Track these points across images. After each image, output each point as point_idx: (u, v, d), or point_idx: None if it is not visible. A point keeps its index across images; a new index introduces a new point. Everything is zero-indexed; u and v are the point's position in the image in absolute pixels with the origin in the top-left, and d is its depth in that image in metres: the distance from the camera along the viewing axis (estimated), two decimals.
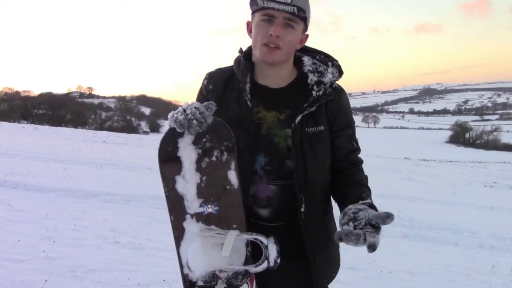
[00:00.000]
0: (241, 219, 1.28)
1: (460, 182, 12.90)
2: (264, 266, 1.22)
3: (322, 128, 1.32)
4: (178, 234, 1.28)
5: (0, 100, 68.55)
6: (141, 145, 15.49)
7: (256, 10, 1.29)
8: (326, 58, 1.40)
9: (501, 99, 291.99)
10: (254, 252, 1.28)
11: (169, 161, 1.26)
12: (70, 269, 3.01)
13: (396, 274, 3.60)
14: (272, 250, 1.21)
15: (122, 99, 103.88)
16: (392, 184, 10.84)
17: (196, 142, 1.25)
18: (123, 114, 78.45)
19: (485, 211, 7.91)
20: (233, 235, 1.23)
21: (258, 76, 1.36)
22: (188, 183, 1.26)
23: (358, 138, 1.43)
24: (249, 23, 1.35)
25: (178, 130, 1.19)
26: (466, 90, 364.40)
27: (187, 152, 1.25)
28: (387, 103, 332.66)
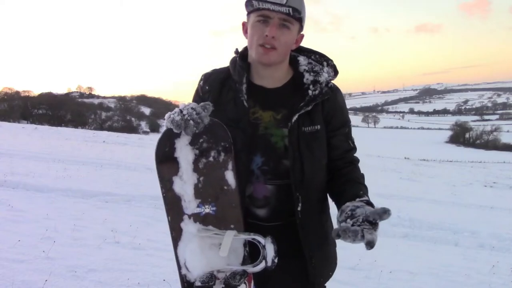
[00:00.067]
0: (238, 219, 1.28)
1: (460, 182, 12.90)
2: (262, 266, 1.22)
3: (319, 127, 1.33)
4: (176, 234, 1.28)
5: (0, 100, 68.52)
6: (141, 145, 15.49)
7: (251, 11, 1.29)
8: (321, 58, 1.41)
9: (501, 99, 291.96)
10: (252, 252, 1.28)
11: (166, 162, 1.26)
12: (70, 269, 3.01)
13: (396, 274, 3.60)
14: (269, 250, 1.21)
15: (122, 99, 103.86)
16: (392, 184, 10.84)
17: (193, 143, 1.25)
18: (123, 114, 78.45)
19: (485, 211, 7.91)
20: (230, 235, 1.23)
21: (254, 76, 1.36)
22: (185, 184, 1.26)
23: (358, 138, 1.44)
24: (244, 24, 1.36)
25: (175, 130, 1.19)
26: (466, 90, 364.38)
27: (184, 152, 1.25)
28: (387, 103, 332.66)
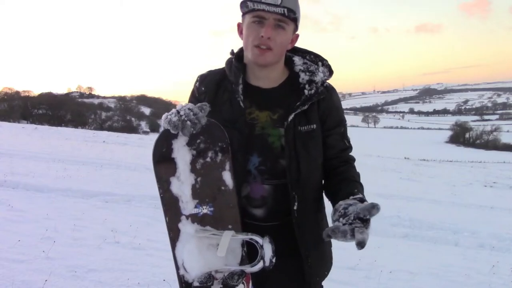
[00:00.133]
0: (236, 220, 1.29)
1: (460, 182, 12.89)
2: (259, 266, 1.22)
3: (315, 126, 1.34)
4: (174, 235, 1.29)
5: (0, 100, 68.49)
6: (141, 145, 15.48)
7: (246, 12, 1.30)
8: (316, 58, 1.42)
9: (501, 99, 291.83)
10: (250, 252, 1.28)
11: (163, 162, 1.26)
12: (70, 269, 3.01)
13: (396, 274, 3.60)
14: (267, 249, 1.22)
15: (122, 99, 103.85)
16: (392, 184, 10.84)
17: (190, 143, 1.25)
18: (123, 114, 78.45)
19: (485, 211, 7.91)
20: (228, 236, 1.23)
21: (250, 77, 1.37)
22: (183, 184, 1.26)
23: (358, 138, 1.44)
24: (239, 25, 1.37)
25: (172, 131, 1.19)
26: (466, 90, 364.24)
27: (182, 153, 1.25)
28: (387, 103, 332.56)
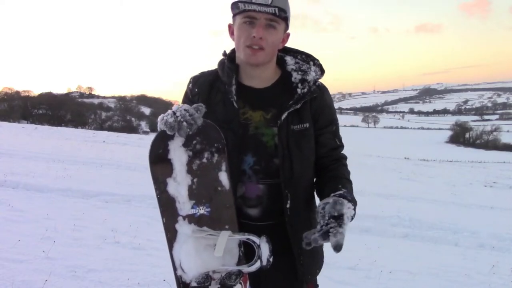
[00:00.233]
0: (233, 220, 1.29)
1: (460, 182, 12.90)
2: (257, 265, 1.23)
3: (307, 125, 1.35)
4: (171, 236, 1.29)
5: (0, 100, 68.48)
6: (141, 145, 15.47)
7: (237, 13, 1.31)
8: (307, 57, 1.43)
9: (501, 99, 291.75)
10: (247, 252, 1.29)
11: (160, 163, 1.26)
12: (70, 269, 3.01)
13: (396, 274, 3.60)
14: (264, 249, 1.22)
15: (122, 99, 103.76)
16: (392, 184, 10.85)
17: (186, 144, 1.25)
18: (123, 114, 78.41)
19: (485, 211, 7.92)
20: (225, 236, 1.24)
21: (243, 77, 1.38)
22: (179, 185, 1.26)
23: (358, 138, 1.44)
24: (230, 26, 1.37)
25: (168, 132, 1.20)
26: (466, 90, 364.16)
27: (178, 154, 1.25)
28: (387, 103, 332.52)
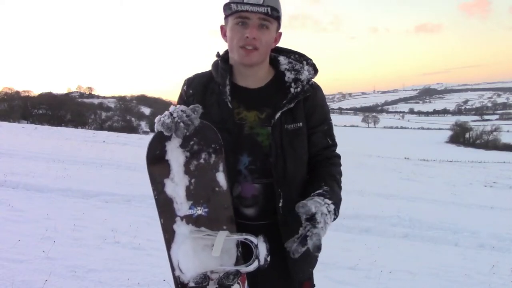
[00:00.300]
0: (230, 220, 1.30)
1: (460, 182, 12.90)
2: (255, 265, 1.23)
3: (301, 124, 1.36)
4: (169, 236, 1.29)
5: (0, 100, 68.46)
6: (141, 145, 15.47)
7: (229, 14, 1.31)
8: (300, 57, 1.43)
9: (501, 99, 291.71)
10: (245, 252, 1.29)
11: (157, 164, 1.27)
12: (70, 269, 3.01)
13: (396, 274, 3.60)
14: (262, 249, 1.22)
15: (122, 99, 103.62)
16: (392, 184, 10.85)
17: (183, 145, 1.26)
18: (123, 114, 78.34)
19: (485, 211, 7.92)
20: (223, 236, 1.24)
21: (237, 77, 1.39)
22: (177, 186, 1.27)
23: (358, 138, 1.44)
24: (223, 27, 1.38)
25: (166, 133, 1.20)
26: (466, 90, 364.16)
27: (175, 155, 1.26)
28: (387, 103, 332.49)
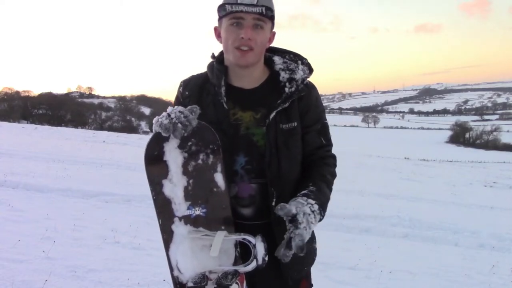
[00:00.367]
0: (228, 220, 1.30)
1: (460, 182, 12.90)
2: (253, 265, 1.23)
3: (295, 124, 1.36)
4: (167, 237, 1.30)
5: (0, 100, 68.44)
6: (141, 145, 15.46)
7: (223, 15, 1.31)
8: (295, 57, 1.44)
9: (501, 99, 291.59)
10: (243, 253, 1.29)
11: (155, 165, 1.27)
12: (70, 269, 3.01)
13: (396, 274, 3.60)
14: (260, 248, 1.23)
15: (122, 99, 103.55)
16: (392, 184, 10.85)
17: (181, 146, 1.26)
18: (123, 114, 78.32)
19: (485, 211, 7.91)
20: (221, 236, 1.25)
21: (232, 78, 1.39)
22: (175, 187, 1.27)
23: (358, 138, 1.44)
24: (216, 29, 1.38)
25: (164, 134, 1.21)
26: (466, 90, 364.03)
27: (173, 156, 1.26)
28: (387, 103, 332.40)
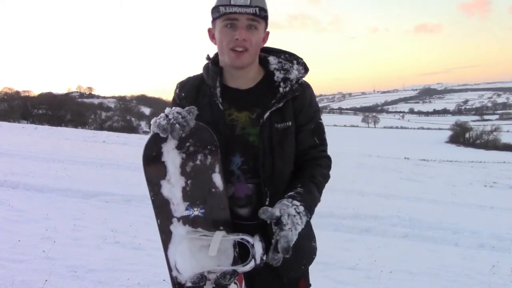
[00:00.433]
0: (227, 221, 1.30)
1: (460, 182, 12.89)
2: (251, 265, 1.23)
3: (290, 123, 1.37)
4: (166, 237, 1.30)
5: (0, 100, 68.44)
6: (141, 145, 15.23)
7: (217, 17, 1.31)
8: (291, 57, 1.44)
9: (501, 99, 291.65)
10: (242, 253, 1.29)
11: (153, 166, 1.27)
12: (70, 269, 3.02)
13: (396, 274, 3.60)
14: (258, 248, 1.23)
15: (122, 99, 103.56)
16: (392, 184, 10.84)
17: (179, 147, 1.26)
18: (123, 114, 78.36)
19: (485, 211, 7.91)
20: (219, 236, 1.25)
21: (227, 79, 1.39)
22: (173, 187, 1.27)
23: (358, 138, 1.44)
24: (210, 30, 1.38)
25: (161, 135, 1.21)
26: (466, 90, 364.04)
27: (171, 156, 1.26)
28: (387, 103, 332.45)
